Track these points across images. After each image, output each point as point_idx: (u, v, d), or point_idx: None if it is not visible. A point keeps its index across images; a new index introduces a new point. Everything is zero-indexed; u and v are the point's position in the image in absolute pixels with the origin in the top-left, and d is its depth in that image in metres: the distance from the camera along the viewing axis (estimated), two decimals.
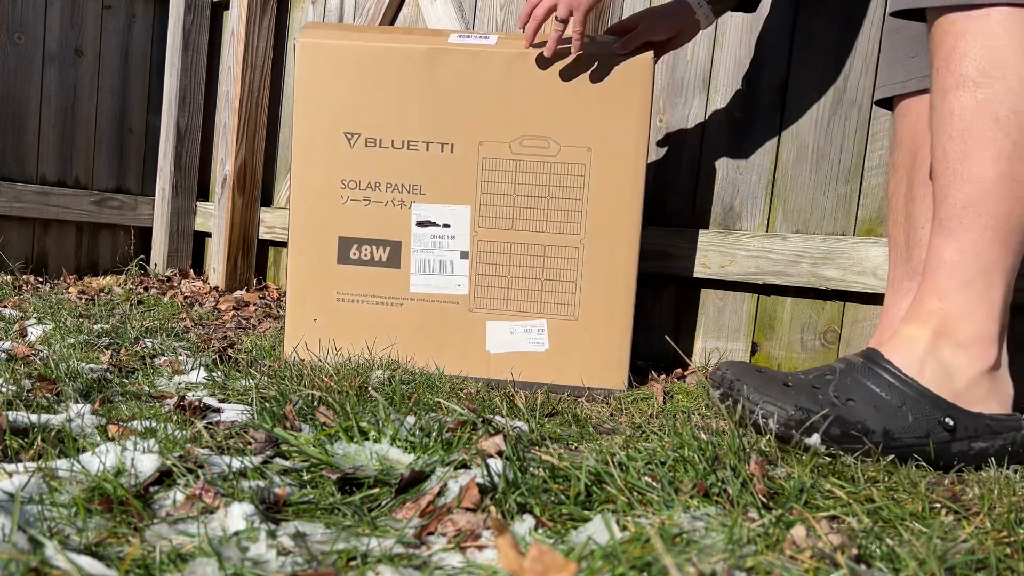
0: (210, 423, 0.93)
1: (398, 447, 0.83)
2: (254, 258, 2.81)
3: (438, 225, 1.45)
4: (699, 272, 1.75)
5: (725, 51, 1.76)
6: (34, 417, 0.88)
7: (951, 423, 0.95)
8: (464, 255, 1.45)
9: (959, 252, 0.96)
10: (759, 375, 0.97)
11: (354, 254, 1.47)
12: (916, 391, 0.96)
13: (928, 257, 1.00)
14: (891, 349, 1.00)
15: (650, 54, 1.40)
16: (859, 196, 1.59)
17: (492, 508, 0.67)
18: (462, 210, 1.44)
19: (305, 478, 0.75)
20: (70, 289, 2.50)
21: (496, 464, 0.73)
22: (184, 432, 0.86)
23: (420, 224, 1.45)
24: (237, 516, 0.62)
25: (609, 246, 1.43)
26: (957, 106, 0.95)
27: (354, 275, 1.47)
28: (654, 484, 0.72)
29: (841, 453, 0.92)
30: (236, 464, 0.74)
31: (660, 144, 1.84)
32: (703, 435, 0.89)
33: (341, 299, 1.48)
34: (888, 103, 1.28)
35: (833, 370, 1.00)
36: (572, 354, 1.44)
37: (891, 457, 0.93)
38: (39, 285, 2.57)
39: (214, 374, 1.26)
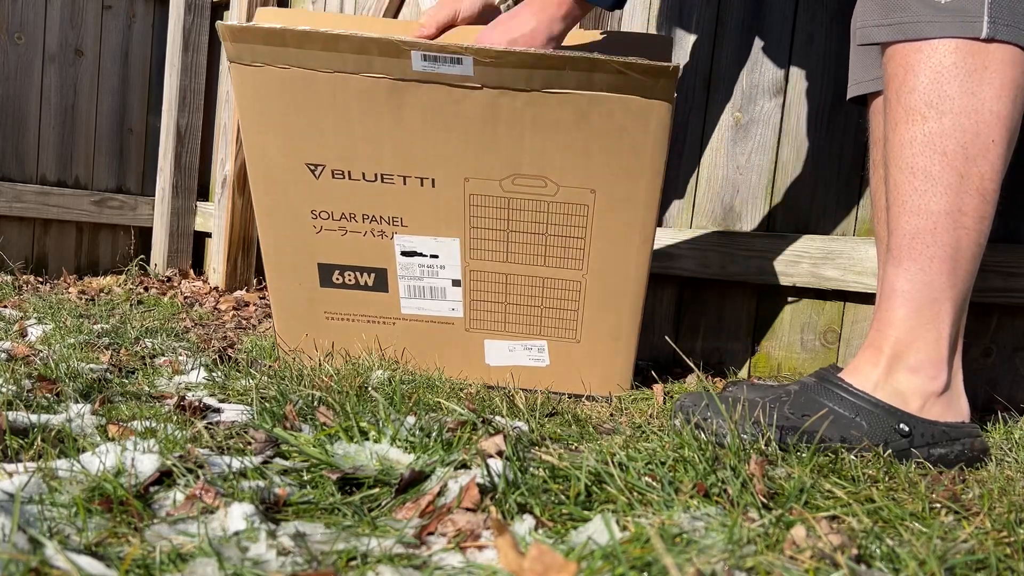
0: (210, 423, 0.93)
1: (398, 447, 0.83)
2: (254, 258, 2.81)
3: (425, 255, 1.32)
4: (699, 272, 1.75)
5: (725, 51, 1.76)
6: (34, 417, 0.88)
7: (907, 429, 0.98)
8: (456, 283, 1.33)
9: (909, 282, 0.99)
10: (708, 399, 1.01)
11: (337, 279, 1.36)
12: (869, 403, 0.99)
13: (882, 285, 1.04)
14: (848, 374, 1.03)
15: (672, 78, 1.14)
16: (859, 196, 1.59)
17: (492, 508, 0.67)
18: (450, 242, 1.30)
19: (305, 478, 0.75)
20: (70, 289, 2.50)
21: (496, 464, 0.73)
22: (184, 432, 0.86)
23: (405, 254, 1.32)
24: (237, 516, 0.62)
25: (614, 281, 1.31)
26: (907, 138, 0.97)
27: (340, 297, 1.37)
28: (654, 484, 0.72)
29: (842, 453, 0.93)
30: (236, 464, 0.74)
31: None
32: (703, 435, 0.89)
33: (330, 317, 1.39)
34: (862, 100, 1.29)
35: (788, 392, 1.03)
36: (574, 370, 1.38)
37: (888, 453, 0.94)
38: (39, 285, 2.57)
39: (214, 374, 1.26)
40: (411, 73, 1.15)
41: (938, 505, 0.76)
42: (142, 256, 3.07)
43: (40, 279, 2.72)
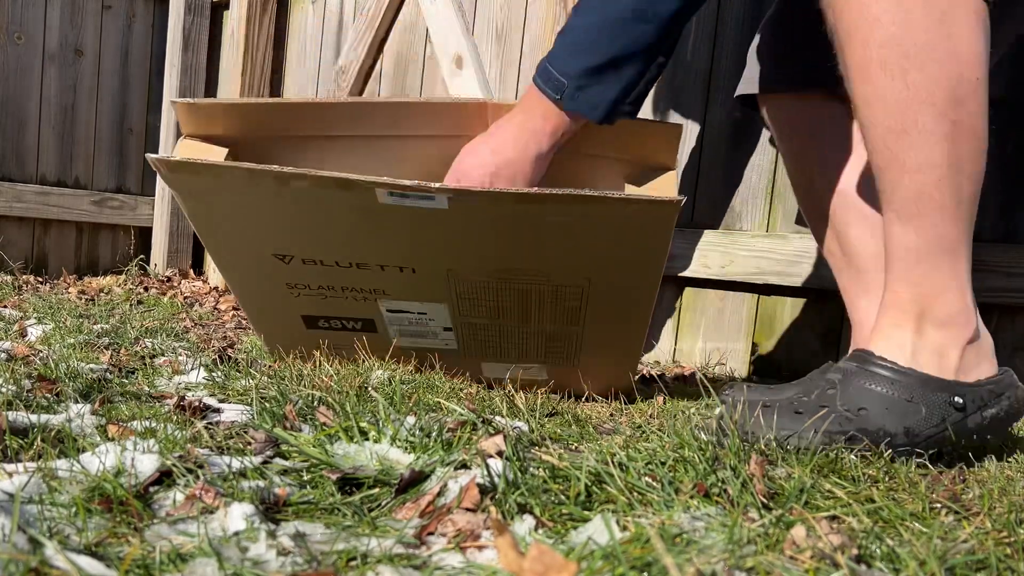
0: (210, 423, 0.93)
1: (398, 447, 0.83)
2: None
3: (412, 313, 1.28)
4: (699, 272, 1.75)
5: (725, 51, 1.76)
6: (34, 417, 0.88)
7: (960, 401, 0.95)
8: (448, 329, 1.31)
9: (922, 237, 0.95)
10: (766, 409, 0.96)
11: (323, 324, 1.33)
12: (919, 379, 0.95)
13: (889, 247, 0.99)
14: (879, 345, 0.99)
15: (676, 210, 1.06)
16: None
17: (492, 508, 0.67)
18: (438, 306, 1.26)
19: (305, 478, 0.75)
20: (70, 289, 2.50)
21: (496, 464, 0.73)
22: (184, 432, 0.86)
23: (391, 311, 1.29)
24: (237, 516, 0.62)
25: (614, 327, 1.27)
26: (890, 95, 0.92)
27: (330, 334, 1.34)
28: (654, 484, 0.72)
29: (843, 453, 0.92)
30: (236, 464, 0.74)
31: None
32: (703, 435, 0.89)
33: (323, 345, 1.36)
34: (750, 99, 1.28)
35: (832, 383, 0.98)
36: (575, 380, 1.34)
37: (903, 452, 0.93)
38: (39, 285, 2.57)
39: (214, 374, 1.26)
40: (378, 204, 1.07)
41: (938, 505, 0.76)
42: (142, 256, 3.07)
43: (40, 279, 2.72)
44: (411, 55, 2.39)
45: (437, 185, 1.03)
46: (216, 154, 1.20)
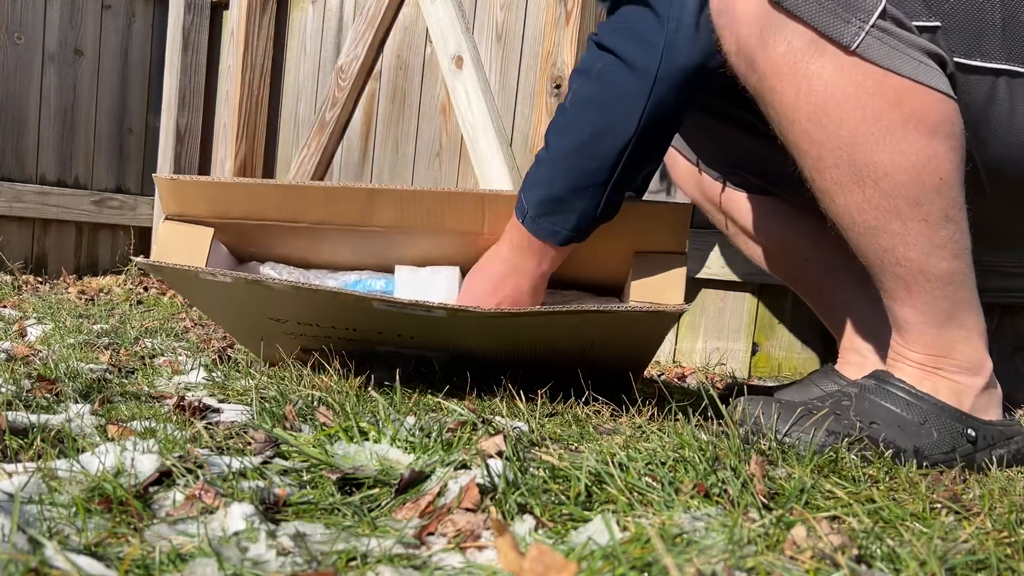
0: (210, 423, 0.92)
1: (398, 447, 0.83)
2: None
3: (411, 354, 1.32)
4: (699, 272, 1.75)
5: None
6: (34, 417, 0.88)
7: (973, 434, 0.97)
8: (445, 352, 1.32)
9: (920, 313, 0.97)
10: (779, 406, 0.97)
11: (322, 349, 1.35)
12: (934, 406, 0.97)
13: (892, 319, 1.01)
14: (899, 370, 1.01)
15: (676, 318, 1.08)
16: None
17: (492, 508, 0.67)
18: (437, 353, 1.30)
19: (305, 478, 0.75)
20: (70, 289, 2.50)
21: (496, 464, 0.73)
22: (184, 432, 0.86)
23: (388, 350, 1.31)
24: (237, 516, 0.62)
25: (615, 361, 1.28)
26: (851, 205, 0.93)
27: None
28: (654, 484, 0.72)
29: (843, 453, 0.92)
30: (236, 464, 0.74)
31: None
32: (703, 435, 0.89)
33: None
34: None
35: (848, 395, 1.00)
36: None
37: (890, 453, 0.93)
38: (39, 285, 2.57)
39: (214, 374, 1.26)
40: (375, 310, 1.09)
41: (939, 505, 0.76)
42: (142, 256, 3.07)
43: (40, 279, 2.72)
44: (411, 55, 2.39)
45: (436, 303, 1.05)
46: (200, 236, 1.19)
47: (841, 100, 0.88)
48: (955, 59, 0.92)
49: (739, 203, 1.38)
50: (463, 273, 1.24)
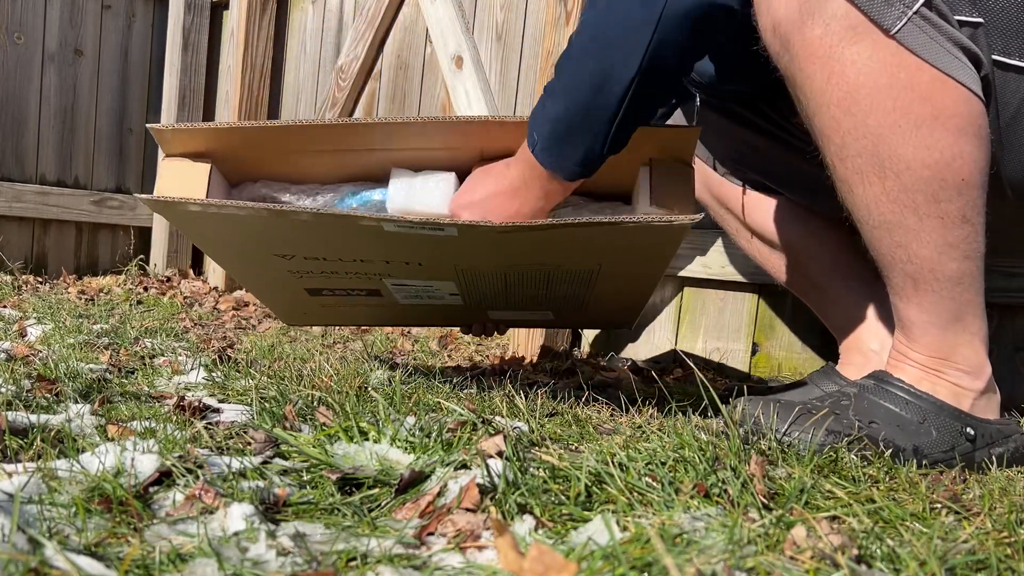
0: (210, 423, 0.92)
1: (398, 447, 0.83)
2: None
3: (418, 285, 1.29)
4: (699, 272, 1.75)
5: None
6: (33, 417, 0.88)
7: (972, 432, 0.97)
8: (455, 294, 1.32)
9: (925, 312, 0.97)
10: (778, 405, 0.97)
11: (327, 294, 1.33)
12: (934, 405, 0.97)
13: (897, 317, 1.01)
14: (899, 370, 1.01)
15: (687, 231, 1.05)
16: None
17: (492, 508, 0.67)
18: (445, 283, 1.27)
19: (305, 478, 0.75)
20: (70, 289, 2.50)
21: (496, 464, 0.73)
22: (184, 432, 0.86)
23: (397, 284, 1.29)
24: (237, 516, 0.62)
25: (622, 291, 1.31)
26: (870, 198, 0.93)
27: (333, 300, 1.35)
28: (654, 484, 0.72)
29: (843, 453, 0.92)
30: (236, 464, 0.74)
31: None
32: (703, 435, 0.89)
33: (325, 306, 1.38)
34: None
35: (847, 395, 1.00)
36: (574, 323, 1.42)
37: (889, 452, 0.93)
38: (39, 285, 2.57)
39: (214, 374, 1.26)
40: (384, 232, 1.07)
41: (939, 505, 0.76)
42: (142, 256, 3.07)
43: (39, 279, 2.72)
44: (411, 55, 2.39)
45: (448, 221, 1.03)
46: (200, 172, 1.16)
47: (872, 89, 0.87)
48: (993, 56, 0.91)
49: (744, 201, 1.38)
50: (460, 181, 1.18)
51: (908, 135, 0.88)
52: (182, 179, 1.14)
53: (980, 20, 0.90)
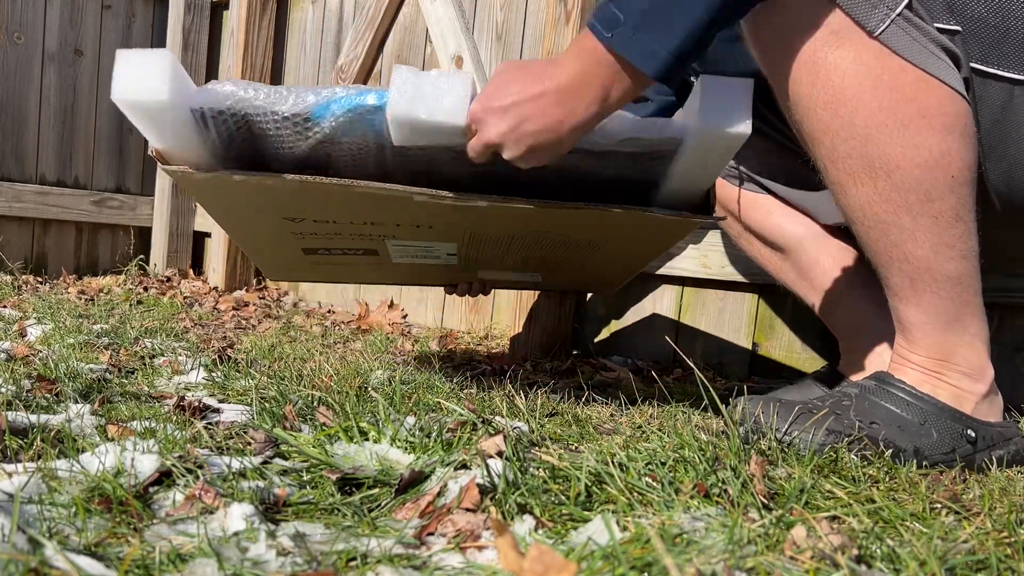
0: (210, 423, 0.92)
1: (398, 447, 0.83)
2: None
3: (419, 246, 1.27)
4: (699, 272, 1.75)
5: None
6: (33, 417, 0.88)
7: (973, 435, 0.97)
8: (452, 254, 1.32)
9: (924, 314, 0.97)
10: (778, 406, 0.97)
11: (323, 252, 1.30)
12: (935, 406, 0.97)
13: (896, 318, 1.01)
14: (901, 372, 1.01)
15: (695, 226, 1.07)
16: None
17: (492, 508, 0.67)
18: (447, 244, 1.26)
19: (305, 478, 0.75)
20: (69, 289, 2.50)
21: (496, 464, 0.73)
22: (184, 432, 0.86)
23: (398, 244, 1.26)
24: (237, 516, 0.62)
25: (617, 263, 1.34)
26: (862, 198, 0.93)
27: (328, 258, 1.33)
28: (654, 484, 0.72)
29: (843, 453, 0.92)
30: (236, 464, 0.74)
31: None
32: (703, 435, 0.89)
33: (315, 263, 1.35)
34: None
35: (848, 395, 1.01)
36: (561, 284, 1.43)
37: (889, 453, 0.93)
38: (39, 285, 2.57)
39: (214, 374, 1.26)
40: (412, 203, 1.03)
41: (939, 505, 0.76)
42: (142, 256, 3.07)
43: (39, 279, 2.72)
44: (411, 55, 2.39)
45: (481, 200, 1.00)
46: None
47: (858, 91, 0.88)
48: (972, 64, 0.92)
49: (745, 201, 1.38)
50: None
51: (896, 135, 0.88)
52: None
53: (958, 28, 0.91)
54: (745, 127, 0.94)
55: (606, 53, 0.85)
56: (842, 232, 1.31)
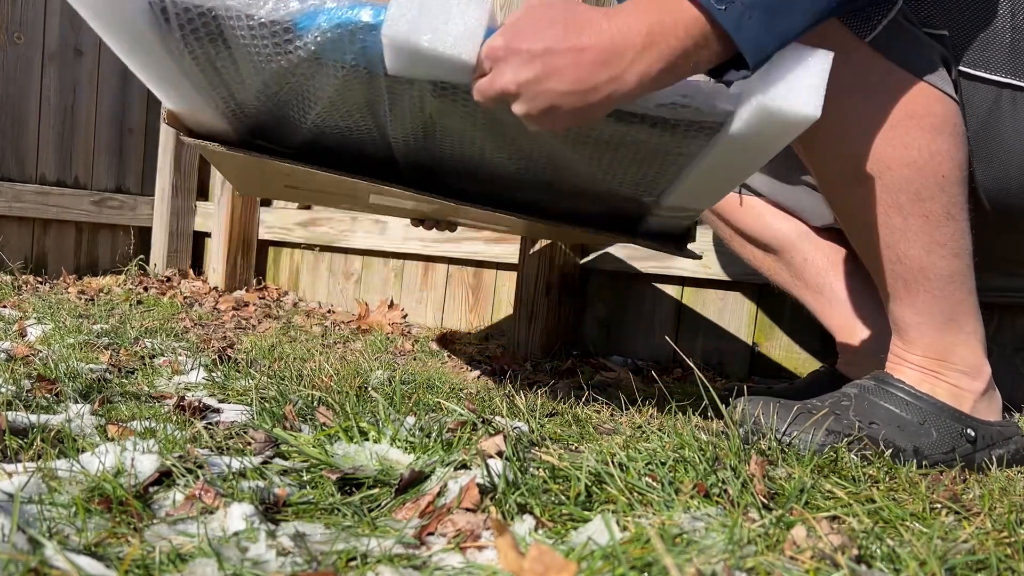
0: (210, 423, 0.92)
1: (398, 447, 0.83)
2: (254, 258, 2.81)
3: (399, 203, 1.24)
4: (699, 272, 1.75)
5: None
6: (33, 417, 0.88)
7: (972, 434, 0.97)
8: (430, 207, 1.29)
9: (919, 314, 0.98)
10: (778, 406, 0.97)
11: (304, 191, 1.29)
12: (934, 406, 0.97)
13: (893, 319, 1.02)
14: (899, 372, 1.01)
15: None
16: None
17: (492, 508, 0.67)
18: (427, 206, 1.23)
19: (305, 478, 0.75)
20: (69, 289, 2.50)
21: (496, 464, 0.73)
22: (184, 432, 0.86)
23: (378, 198, 1.21)
24: (237, 516, 0.62)
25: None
26: (855, 200, 0.94)
27: (307, 194, 1.31)
28: (654, 484, 0.72)
29: (843, 453, 0.92)
30: (236, 464, 0.74)
31: None
32: (703, 435, 0.89)
33: (295, 190, 1.30)
34: None
35: (847, 395, 1.01)
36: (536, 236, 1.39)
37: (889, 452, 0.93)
38: (39, 285, 2.57)
39: (214, 374, 1.26)
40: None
41: (939, 505, 0.76)
42: (142, 256, 3.07)
43: (39, 279, 2.72)
44: None
45: (474, 208, 1.02)
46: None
47: (847, 93, 0.88)
48: (960, 68, 0.92)
49: (735, 204, 1.38)
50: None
51: (885, 136, 0.89)
52: None
53: (945, 32, 0.91)
54: (815, 108, 0.74)
55: (703, 20, 0.69)
56: (833, 233, 1.31)
